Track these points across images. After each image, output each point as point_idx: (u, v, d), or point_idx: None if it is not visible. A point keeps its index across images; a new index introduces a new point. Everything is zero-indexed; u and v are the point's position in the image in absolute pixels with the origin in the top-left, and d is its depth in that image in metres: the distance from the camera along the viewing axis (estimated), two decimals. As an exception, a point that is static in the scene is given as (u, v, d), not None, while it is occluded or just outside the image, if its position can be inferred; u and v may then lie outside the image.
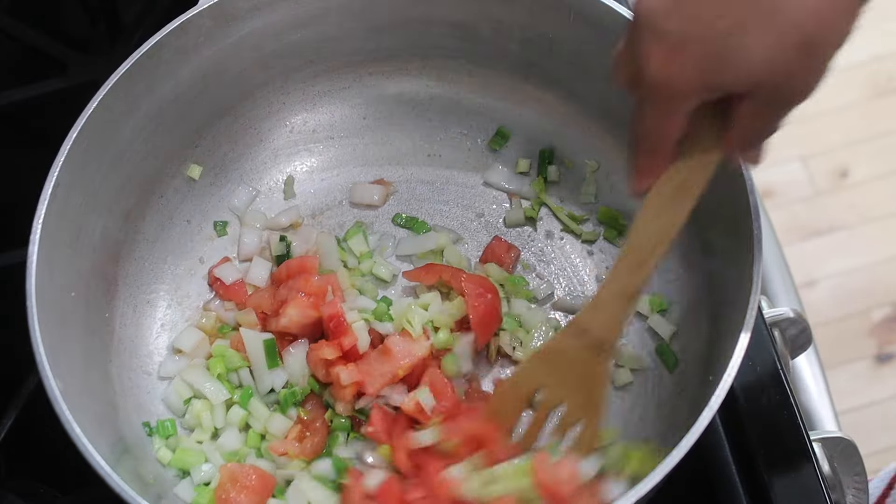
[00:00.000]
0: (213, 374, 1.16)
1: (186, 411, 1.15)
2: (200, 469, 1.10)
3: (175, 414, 1.16)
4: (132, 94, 1.13)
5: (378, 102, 1.32)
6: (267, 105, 1.29)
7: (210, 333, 1.21)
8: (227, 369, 1.16)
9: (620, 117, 1.21)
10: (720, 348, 0.99)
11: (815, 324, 1.29)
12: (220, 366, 1.16)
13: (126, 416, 1.12)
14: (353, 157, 1.33)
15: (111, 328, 1.16)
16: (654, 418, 1.12)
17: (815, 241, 2.73)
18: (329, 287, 1.17)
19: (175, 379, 1.16)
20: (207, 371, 1.16)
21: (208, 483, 1.09)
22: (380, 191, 1.30)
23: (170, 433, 1.13)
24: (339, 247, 1.25)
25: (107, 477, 0.93)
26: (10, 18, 1.44)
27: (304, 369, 1.15)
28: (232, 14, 1.18)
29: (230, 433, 1.14)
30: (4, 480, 1.15)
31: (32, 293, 1.00)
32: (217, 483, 1.08)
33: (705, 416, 0.92)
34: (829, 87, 0.88)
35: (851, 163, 2.84)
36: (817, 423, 1.34)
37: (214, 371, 1.16)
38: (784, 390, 1.09)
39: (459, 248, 1.26)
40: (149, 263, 1.23)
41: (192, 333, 1.20)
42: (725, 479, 1.07)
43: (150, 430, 1.13)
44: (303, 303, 1.15)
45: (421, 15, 1.23)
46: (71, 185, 1.07)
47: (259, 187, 1.30)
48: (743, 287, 0.98)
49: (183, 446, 1.11)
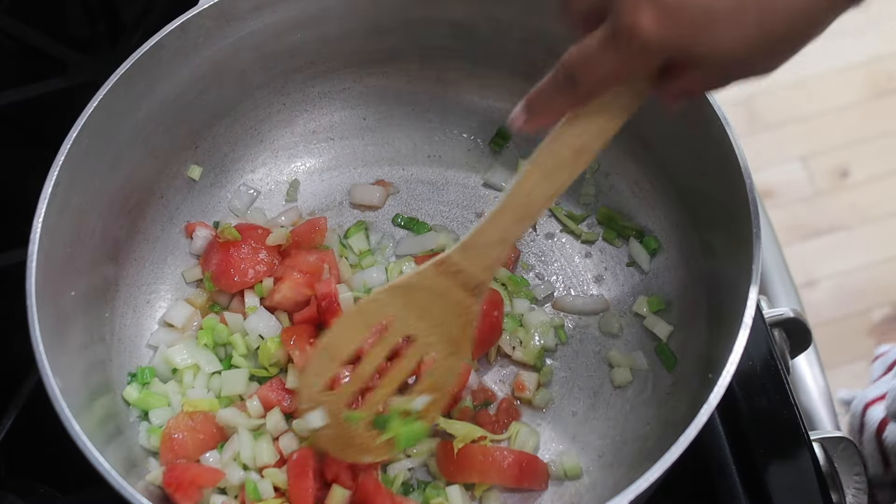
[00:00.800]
0: (199, 344, 1.17)
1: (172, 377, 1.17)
2: (159, 412, 1.12)
3: (160, 378, 1.16)
4: (132, 94, 1.13)
5: (378, 103, 1.32)
6: (267, 106, 1.29)
7: (201, 308, 1.21)
8: (214, 343, 1.17)
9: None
10: (719, 347, 0.99)
11: (815, 324, 1.29)
12: (208, 338, 1.17)
13: (126, 415, 1.13)
14: (353, 157, 1.33)
15: (111, 328, 1.16)
16: (654, 417, 1.12)
17: (815, 241, 2.74)
18: (326, 265, 1.18)
19: (162, 348, 1.17)
20: (196, 343, 1.17)
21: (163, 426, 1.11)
22: (380, 191, 1.30)
23: (147, 381, 1.14)
24: (340, 244, 1.25)
25: (107, 476, 0.93)
26: (10, 18, 1.44)
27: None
28: (232, 14, 1.18)
29: (200, 389, 1.15)
30: (4, 480, 1.15)
31: (32, 293, 1.00)
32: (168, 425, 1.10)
33: (704, 412, 0.92)
34: (829, 87, 0.88)
35: (851, 163, 2.84)
36: (817, 423, 1.34)
37: (201, 342, 1.17)
38: (784, 390, 1.09)
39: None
40: (149, 263, 1.23)
41: (182, 308, 1.20)
42: (725, 479, 1.07)
43: (130, 377, 1.14)
44: (297, 280, 1.15)
45: (421, 15, 1.24)
46: (71, 184, 1.07)
47: (259, 188, 1.31)
48: (742, 286, 0.98)
49: (151, 390, 1.14)
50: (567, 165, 0.92)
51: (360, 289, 1.20)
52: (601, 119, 0.89)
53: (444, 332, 1.03)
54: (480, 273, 0.99)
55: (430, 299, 1.01)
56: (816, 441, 1.09)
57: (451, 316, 1.02)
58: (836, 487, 1.07)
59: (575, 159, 0.91)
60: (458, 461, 1.08)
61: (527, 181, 0.93)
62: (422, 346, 1.04)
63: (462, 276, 0.99)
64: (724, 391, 0.93)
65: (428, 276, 1.01)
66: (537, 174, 0.93)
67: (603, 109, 0.88)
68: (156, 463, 1.09)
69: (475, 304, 1.01)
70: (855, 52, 2.94)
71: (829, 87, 2.91)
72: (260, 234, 1.21)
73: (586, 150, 0.91)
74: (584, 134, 0.90)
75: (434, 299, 1.01)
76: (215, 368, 1.16)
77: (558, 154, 0.91)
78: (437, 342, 1.03)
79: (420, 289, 1.01)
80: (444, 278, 1.00)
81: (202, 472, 1.06)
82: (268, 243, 1.20)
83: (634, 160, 1.23)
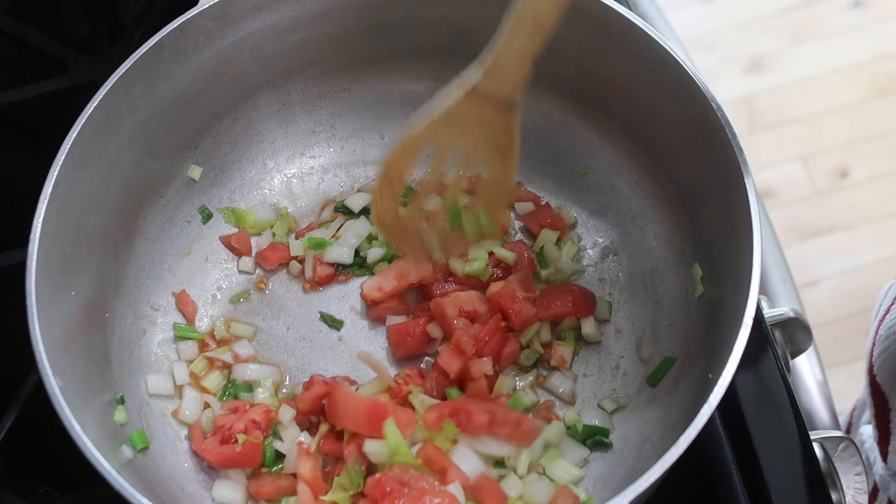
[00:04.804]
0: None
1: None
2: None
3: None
4: (132, 94, 1.13)
5: (378, 103, 1.32)
6: (267, 106, 1.29)
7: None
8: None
9: (621, 117, 1.22)
10: (720, 347, 0.99)
11: (815, 324, 1.29)
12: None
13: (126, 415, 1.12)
14: (353, 157, 1.33)
15: (111, 328, 1.16)
16: (654, 417, 1.12)
17: (815, 241, 2.74)
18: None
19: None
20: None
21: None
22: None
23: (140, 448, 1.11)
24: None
25: (107, 474, 0.93)
26: (10, 18, 1.45)
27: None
28: (232, 14, 1.18)
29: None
30: (4, 480, 1.15)
31: (32, 293, 1.00)
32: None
33: (704, 412, 0.92)
34: (829, 87, 0.88)
35: (851, 163, 2.84)
36: (817, 423, 1.34)
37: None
38: (784, 390, 1.09)
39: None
40: (149, 263, 1.22)
41: (167, 380, 1.19)
42: (725, 479, 1.07)
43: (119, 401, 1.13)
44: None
45: (420, 15, 1.24)
46: (71, 184, 1.07)
47: (260, 187, 1.31)
48: (743, 286, 0.98)
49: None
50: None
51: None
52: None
53: (489, 148, 1.05)
54: (509, 91, 1.01)
55: (468, 124, 1.04)
56: (816, 441, 1.08)
57: (491, 133, 1.04)
58: (836, 487, 1.07)
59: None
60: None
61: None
62: (473, 163, 1.07)
63: (492, 98, 1.02)
64: (724, 391, 0.93)
65: (460, 104, 1.03)
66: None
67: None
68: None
69: (512, 117, 1.03)
70: (855, 52, 2.95)
71: (829, 87, 2.91)
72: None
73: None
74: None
75: (472, 123, 1.04)
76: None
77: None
78: (487, 157, 1.06)
79: (455, 117, 1.04)
80: (475, 104, 1.02)
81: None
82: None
83: (634, 160, 1.23)
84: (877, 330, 1.31)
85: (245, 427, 1.12)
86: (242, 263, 1.27)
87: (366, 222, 1.27)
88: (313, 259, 1.25)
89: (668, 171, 1.19)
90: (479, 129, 1.04)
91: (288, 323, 1.24)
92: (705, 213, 1.14)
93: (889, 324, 1.27)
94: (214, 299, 1.25)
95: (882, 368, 1.30)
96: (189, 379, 1.18)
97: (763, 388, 1.10)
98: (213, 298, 1.25)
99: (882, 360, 1.29)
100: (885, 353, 1.28)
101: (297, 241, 1.27)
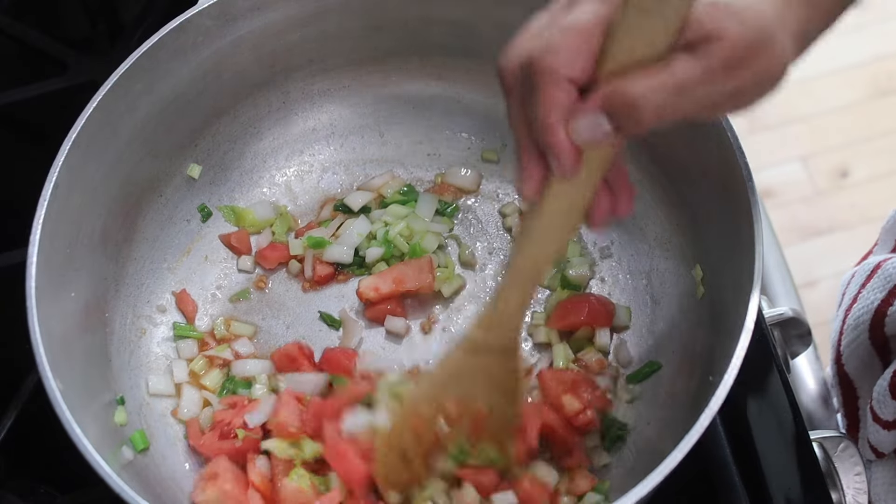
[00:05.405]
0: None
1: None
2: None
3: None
4: (132, 94, 1.13)
5: (378, 102, 1.32)
6: (267, 104, 1.29)
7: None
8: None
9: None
10: (720, 349, 0.99)
11: (815, 324, 1.29)
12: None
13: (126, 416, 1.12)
14: (352, 156, 1.33)
15: (111, 328, 1.16)
16: (655, 419, 1.12)
17: (815, 241, 2.74)
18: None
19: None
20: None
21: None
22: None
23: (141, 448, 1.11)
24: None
25: (107, 477, 0.93)
26: (10, 18, 1.44)
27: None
28: (232, 14, 1.18)
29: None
30: (4, 480, 1.15)
31: (32, 293, 1.00)
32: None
33: (705, 416, 0.91)
34: (829, 87, 0.88)
35: (851, 163, 2.84)
36: (817, 423, 1.34)
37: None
38: (784, 390, 1.09)
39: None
40: (148, 263, 1.23)
41: (167, 379, 1.18)
42: (725, 479, 1.07)
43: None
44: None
45: (420, 14, 1.24)
46: (71, 185, 1.07)
47: (259, 186, 1.31)
48: (744, 288, 0.98)
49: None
50: (560, 223, 0.89)
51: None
52: (588, 168, 0.85)
53: (495, 394, 1.03)
54: (508, 340, 1.00)
55: (468, 376, 1.02)
56: (816, 441, 1.08)
57: (496, 380, 1.02)
58: (836, 487, 1.07)
59: (569, 212, 0.89)
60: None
61: (526, 246, 0.91)
62: (476, 407, 1.04)
63: (492, 350, 1.00)
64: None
65: (459, 360, 1.02)
66: (535, 236, 0.90)
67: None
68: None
69: (514, 359, 1.01)
70: (855, 52, 2.94)
71: (829, 87, 2.91)
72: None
73: (575, 206, 0.88)
74: (572, 188, 0.87)
75: (471, 375, 1.02)
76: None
77: (551, 211, 0.88)
78: (493, 401, 1.03)
79: (455, 374, 1.02)
80: (475, 357, 1.01)
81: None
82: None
83: (634, 160, 1.22)
84: (844, 319, 1.32)
85: (244, 422, 1.12)
86: (242, 262, 1.27)
87: (365, 221, 1.27)
88: (313, 258, 1.25)
89: (667, 172, 1.19)
90: (483, 379, 1.02)
91: (287, 322, 1.24)
92: (705, 213, 1.14)
93: (857, 314, 1.29)
94: (214, 298, 1.25)
95: (851, 357, 1.31)
96: (188, 377, 1.18)
97: (763, 388, 1.10)
98: (212, 297, 1.25)
99: (851, 350, 1.30)
100: (853, 342, 1.29)
101: (297, 241, 1.27)
